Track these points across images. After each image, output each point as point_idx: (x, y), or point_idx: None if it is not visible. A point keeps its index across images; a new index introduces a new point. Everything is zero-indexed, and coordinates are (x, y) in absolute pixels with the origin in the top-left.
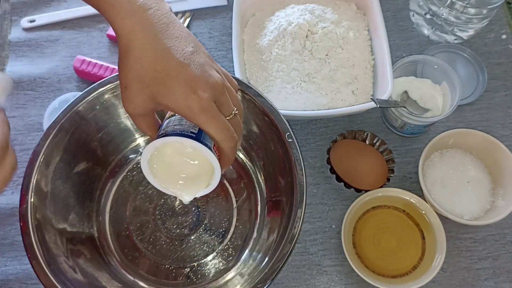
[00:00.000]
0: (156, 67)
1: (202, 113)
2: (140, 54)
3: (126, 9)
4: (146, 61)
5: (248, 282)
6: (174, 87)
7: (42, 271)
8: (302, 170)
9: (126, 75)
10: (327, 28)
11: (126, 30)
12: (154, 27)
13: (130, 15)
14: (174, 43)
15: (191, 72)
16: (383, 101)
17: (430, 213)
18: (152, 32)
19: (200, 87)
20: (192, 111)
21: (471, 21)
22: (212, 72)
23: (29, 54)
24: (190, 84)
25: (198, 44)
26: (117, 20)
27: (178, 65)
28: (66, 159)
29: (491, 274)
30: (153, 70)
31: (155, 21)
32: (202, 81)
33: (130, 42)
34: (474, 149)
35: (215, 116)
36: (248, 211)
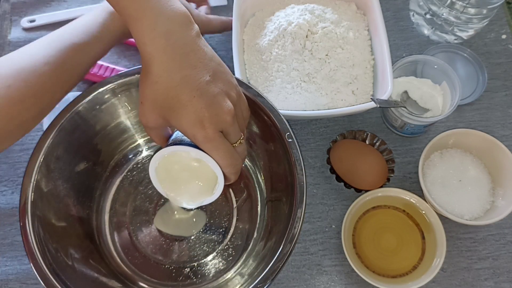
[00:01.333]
0: (169, 93)
1: (205, 142)
2: (156, 79)
3: (149, 35)
4: (161, 86)
5: (248, 282)
6: (183, 115)
7: (42, 271)
8: (302, 170)
9: (144, 92)
10: (327, 28)
11: (147, 54)
12: (172, 56)
13: (152, 41)
14: (190, 73)
15: (201, 103)
16: (383, 101)
17: (430, 213)
18: (171, 61)
19: (207, 119)
20: (197, 139)
21: (471, 21)
22: (224, 104)
23: None
24: (198, 115)
25: (218, 70)
26: (140, 43)
27: (189, 95)
28: (66, 159)
29: (491, 274)
30: (166, 96)
31: (174, 50)
32: (211, 113)
33: (149, 66)
34: (474, 149)
35: (219, 145)
36: (248, 211)
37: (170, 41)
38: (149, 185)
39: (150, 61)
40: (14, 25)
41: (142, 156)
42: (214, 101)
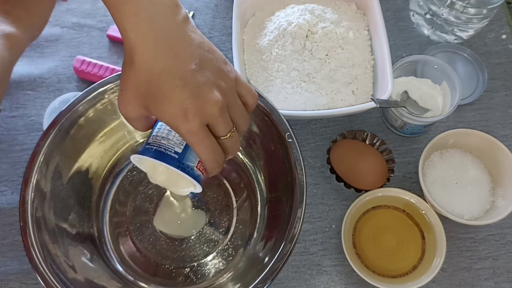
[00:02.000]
0: (152, 82)
1: (188, 136)
2: (139, 67)
3: (131, 21)
4: (143, 74)
5: (248, 282)
6: (165, 106)
7: (42, 271)
8: (302, 170)
9: (125, 80)
10: (327, 28)
11: (129, 42)
12: (155, 44)
13: (134, 28)
14: (173, 61)
15: (185, 93)
16: (383, 101)
17: (430, 213)
18: (153, 49)
19: (190, 111)
20: (179, 131)
21: (471, 21)
22: (210, 95)
23: (29, 54)
24: (182, 106)
25: (206, 58)
26: (122, 30)
27: (172, 85)
28: (66, 159)
29: (491, 274)
30: (149, 85)
31: (157, 38)
32: (195, 105)
33: (132, 53)
34: (474, 149)
35: (202, 139)
36: (248, 211)
37: (153, 28)
38: (149, 185)
39: (132, 49)
40: None
41: None
42: (199, 91)
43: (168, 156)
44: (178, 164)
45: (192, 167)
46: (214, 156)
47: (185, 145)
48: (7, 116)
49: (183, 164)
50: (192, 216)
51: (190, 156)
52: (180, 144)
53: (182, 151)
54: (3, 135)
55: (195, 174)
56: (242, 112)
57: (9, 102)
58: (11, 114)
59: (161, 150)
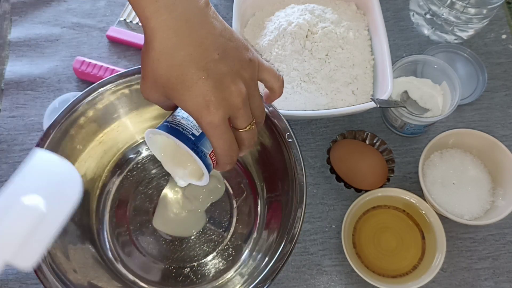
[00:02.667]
0: (172, 73)
1: (209, 128)
2: (158, 56)
3: (151, 8)
4: (163, 64)
5: (248, 282)
6: (187, 96)
7: (42, 271)
8: (302, 170)
9: (145, 69)
10: (327, 28)
11: (149, 29)
12: (177, 31)
13: (154, 15)
14: (196, 50)
15: (208, 85)
16: (383, 101)
17: (430, 213)
18: (174, 36)
19: (213, 103)
20: (200, 122)
21: (471, 21)
22: (233, 85)
23: (29, 54)
24: (204, 98)
25: (230, 46)
26: (141, 17)
27: (195, 75)
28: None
29: (491, 274)
30: (169, 75)
31: (179, 24)
32: (218, 97)
33: (151, 41)
34: (474, 149)
35: (221, 134)
36: (248, 211)
37: (174, 14)
38: (149, 185)
39: (152, 36)
40: (14, 25)
41: (142, 156)
42: (222, 83)
43: (184, 136)
44: (193, 146)
45: (206, 153)
46: (230, 151)
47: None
48: (7, 116)
49: (197, 148)
50: (191, 217)
51: (206, 142)
52: (199, 128)
53: (199, 134)
54: (3, 135)
55: (207, 161)
56: (259, 103)
57: (9, 102)
58: (11, 114)
59: (179, 129)
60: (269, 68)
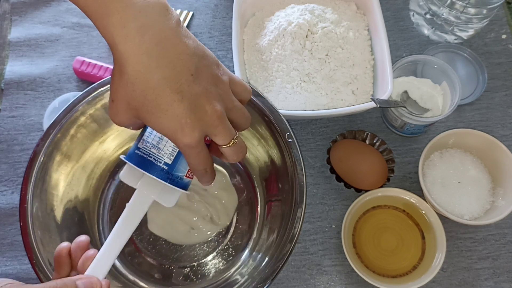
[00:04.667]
0: (147, 96)
1: (185, 149)
2: (132, 80)
3: (120, 33)
4: (137, 87)
5: (248, 282)
6: (162, 119)
7: (42, 271)
8: (302, 170)
9: (117, 91)
10: (327, 28)
11: (119, 53)
12: (150, 54)
13: (124, 40)
14: (169, 73)
15: (183, 107)
16: (383, 101)
17: (430, 213)
18: (147, 59)
19: (189, 125)
20: (176, 143)
21: (471, 21)
22: (208, 105)
23: (29, 54)
24: (180, 121)
25: (202, 64)
26: (110, 42)
27: (169, 99)
28: (66, 159)
29: (491, 274)
30: (143, 99)
31: (151, 47)
32: (193, 119)
33: (123, 65)
34: (474, 149)
35: (197, 154)
36: (248, 211)
37: (145, 37)
38: None
39: (123, 60)
40: (14, 25)
41: None
42: (196, 104)
43: (157, 167)
44: (167, 176)
45: (181, 177)
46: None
47: (176, 154)
48: (7, 116)
49: (172, 176)
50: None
51: (180, 167)
52: (171, 154)
53: (172, 162)
54: (3, 135)
55: (183, 182)
56: (241, 112)
57: (9, 102)
58: (11, 114)
59: (151, 160)
60: (239, 81)
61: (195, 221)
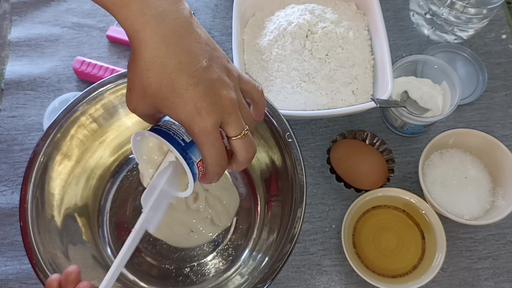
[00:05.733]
0: (163, 81)
1: (201, 135)
2: (148, 66)
3: (139, 21)
4: (153, 73)
5: (248, 282)
6: (178, 104)
7: (42, 271)
8: (302, 170)
9: (133, 79)
10: (327, 28)
11: (138, 40)
12: (167, 41)
13: (143, 27)
14: (185, 58)
15: (198, 91)
16: (383, 101)
17: (430, 213)
18: (164, 45)
19: (204, 109)
20: (192, 130)
21: (471, 21)
22: (223, 91)
23: (29, 54)
24: (196, 104)
25: (215, 55)
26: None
27: (185, 83)
28: (66, 159)
29: (491, 274)
30: (159, 84)
31: (168, 34)
32: (209, 102)
33: (141, 51)
34: (474, 149)
35: (213, 142)
36: (248, 211)
37: (162, 24)
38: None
39: (142, 47)
40: (14, 25)
41: None
42: (212, 89)
43: (175, 140)
44: (182, 151)
45: (194, 161)
46: (220, 159)
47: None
48: (7, 116)
49: (186, 154)
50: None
51: (194, 150)
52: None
53: (189, 141)
54: (3, 135)
55: (194, 170)
56: (248, 112)
57: (9, 102)
58: (11, 114)
59: (170, 133)
60: (248, 79)
61: (195, 223)
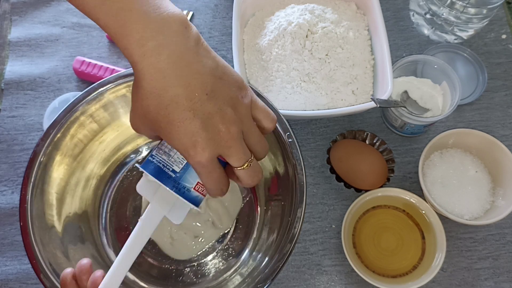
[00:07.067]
0: (160, 112)
1: (196, 167)
2: (147, 95)
3: (138, 52)
4: (151, 103)
5: (248, 282)
6: (174, 135)
7: (42, 271)
8: (302, 170)
9: (135, 103)
10: (327, 28)
11: (137, 70)
12: (164, 73)
13: (141, 59)
14: (182, 92)
15: (194, 125)
16: (383, 101)
17: (430, 213)
18: (161, 78)
19: (199, 143)
20: (188, 160)
21: (471, 21)
22: (222, 125)
23: (29, 54)
24: (191, 138)
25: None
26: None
27: (181, 116)
28: (66, 159)
29: (491, 274)
30: (157, 114)
31: (166, 66)
32: (204, 138)
33: (140, 80)
34: (474, 149)
35: (209, 172)
36: (248, 211)
37: (161, 57)
38: None
39: (141, 77)
40: (14, 25)
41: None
42: (208, 123)
43: (165, 174)
44: (173, 184)
45: (189, 188)
46: (218, 185)
47: (185, 164)
48: (7, 116)
49: (178, 185)
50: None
51: (188, 177)
52: (180, 163)
53: (180, 170)
54: (3, 135)
55: (191, 195)
56: (258, 139)
57: (9, 102)
58: (11, 114)
59: (160, 166)
60: (263, 107)
61: (194, 226)
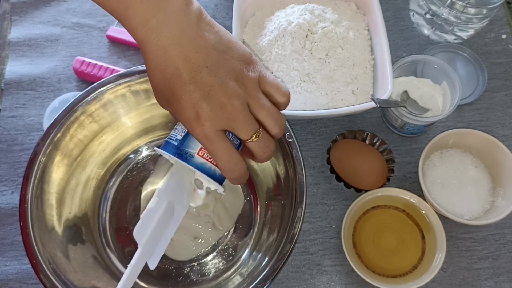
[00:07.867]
0: (165, 86)
1: (200, 139)
2: (153, 72)
3: (141, 32)
4: (156, 77)
5: (248, 282)
6: (178, 108)
7: (42, 271)
8: (302, 170)
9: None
10: (327, 28)
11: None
12: (165, 49)
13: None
14: (183, 65)
15: (195, 98)
16: (383, 101)
17: (430, 213)
18: (163, 54)
19: (202, 115)
20: (194, 133)
21: (471, 21)
22: (224, 97)
23: (29, 54)
24: (193, 110)
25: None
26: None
27: (183, 89)
28: (66, 159)
29: (491, 274)
30: (163, 88)
31: (168, 43)
32: (206, 109)
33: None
34: (474, 149)
35: (215, 145)
36: (248, 211)
37: (162, 34)
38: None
39: (145, 55)
40: (14, 25)
41: (142, 156)
42: (211, 95)
43: (169, 144)
44: (175, 150)
45: (191, 153)
46: (229, 165)
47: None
48: (7, 116)
49: (181, 151)
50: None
51: (189, 143)
52: (182, 131)
53: (182, 137)
54: (3, 135)
55: (195, 161)
56: (269, 112)
57: (9, 102)
58: (11, 114)
59: (167, 140)
60: (273, 81)
61: (194, 227)
